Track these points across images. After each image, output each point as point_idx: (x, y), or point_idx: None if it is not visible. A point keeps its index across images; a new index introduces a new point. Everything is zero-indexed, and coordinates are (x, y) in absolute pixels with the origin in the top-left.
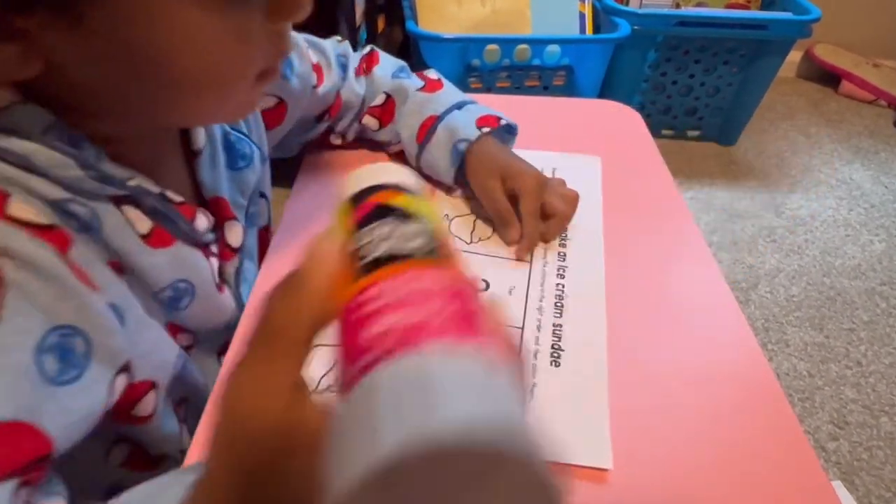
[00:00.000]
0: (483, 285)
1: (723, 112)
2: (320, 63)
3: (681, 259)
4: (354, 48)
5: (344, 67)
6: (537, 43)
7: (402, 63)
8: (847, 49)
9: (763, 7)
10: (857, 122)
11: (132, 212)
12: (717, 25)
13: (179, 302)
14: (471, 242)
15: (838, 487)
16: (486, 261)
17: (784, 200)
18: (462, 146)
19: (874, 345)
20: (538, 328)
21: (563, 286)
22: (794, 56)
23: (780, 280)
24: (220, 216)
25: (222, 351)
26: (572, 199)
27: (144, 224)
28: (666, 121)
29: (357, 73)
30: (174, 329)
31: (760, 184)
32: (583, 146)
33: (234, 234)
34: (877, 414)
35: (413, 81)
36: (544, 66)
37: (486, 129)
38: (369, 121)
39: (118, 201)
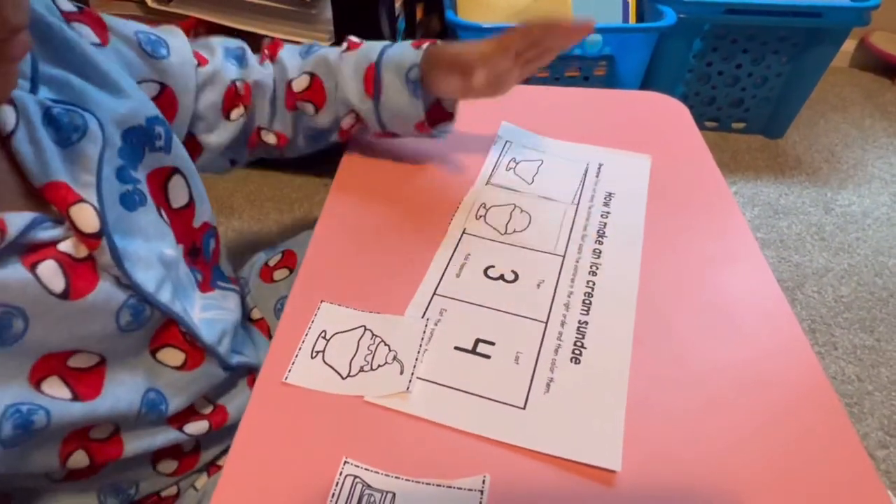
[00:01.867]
0: (512, 276)
1: (770, 103)
2: (199, 50)
3: (729, 257)
4: (394, 38)
5: (240, 59)
6: None
7: (308, 44)
8: None
9: None
10: None
11: None
12: (768, 13)
13: (8, 330)
14: (504, 233)
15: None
16: (518, 252)
17: (834, 196)
18: (414, 73)
19: None
20: (562, 324)
21: (594, 283)
22: (849, 45)
23: (828, 280)
24: (61, 202)
25: (164, 343)
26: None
27: None
28: (710, 112)
29: (261, 61)
30: (54, 359)
31: (809, 179)
32: (628, 139)
33: (84, 217)
34: None
35: (330, 49)
36: (585, 56)
37: (426, 45)
38: (303, 106)
39: None
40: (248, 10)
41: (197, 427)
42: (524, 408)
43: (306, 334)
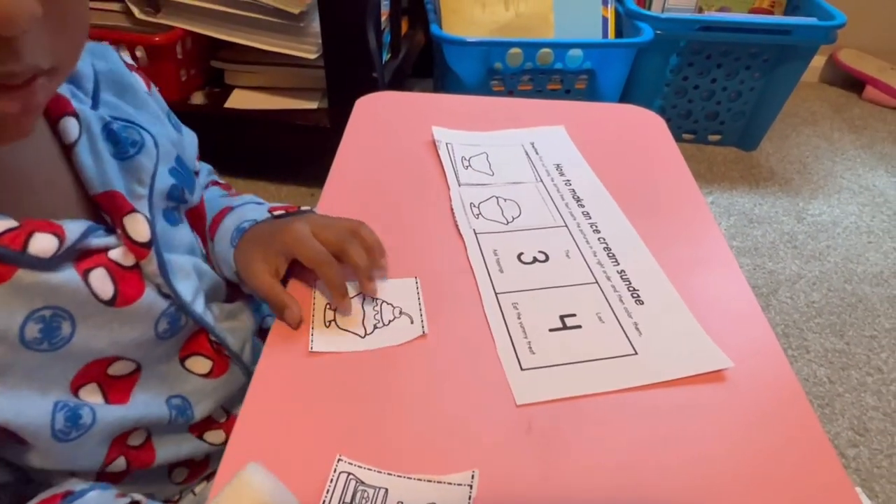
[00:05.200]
0: (543, 256)
1: (744, 117)
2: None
3: (704, 264)
4: (380, 50)
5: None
6: (560, 47)
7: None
8: (872, 54)
9: (787, 12)
10: (881, 127)
11: None
12: (740, 31)
13: (57, 332)
14: (507, 223)
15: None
16: (529, 234)
17: (806, 206)
18: (246, 225)
19: (895, 352)
20: (608, 278)
21: (604, 238)
22: (818, 61)
23: (800, 286)
24: (116, 212)
25: (193, 352)
26: (371, 243)
27: None
28: (687, 125)
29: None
30: (97, 366)
31: (781, 189)
32: (607, 151)
33: (137, 227)
34: None
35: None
36: (566, 70)
37: (278, 213)
38: None
39: None
40: (236, 22)
41: (216, 436)
42: (637, 353)
43: (314, 307)
